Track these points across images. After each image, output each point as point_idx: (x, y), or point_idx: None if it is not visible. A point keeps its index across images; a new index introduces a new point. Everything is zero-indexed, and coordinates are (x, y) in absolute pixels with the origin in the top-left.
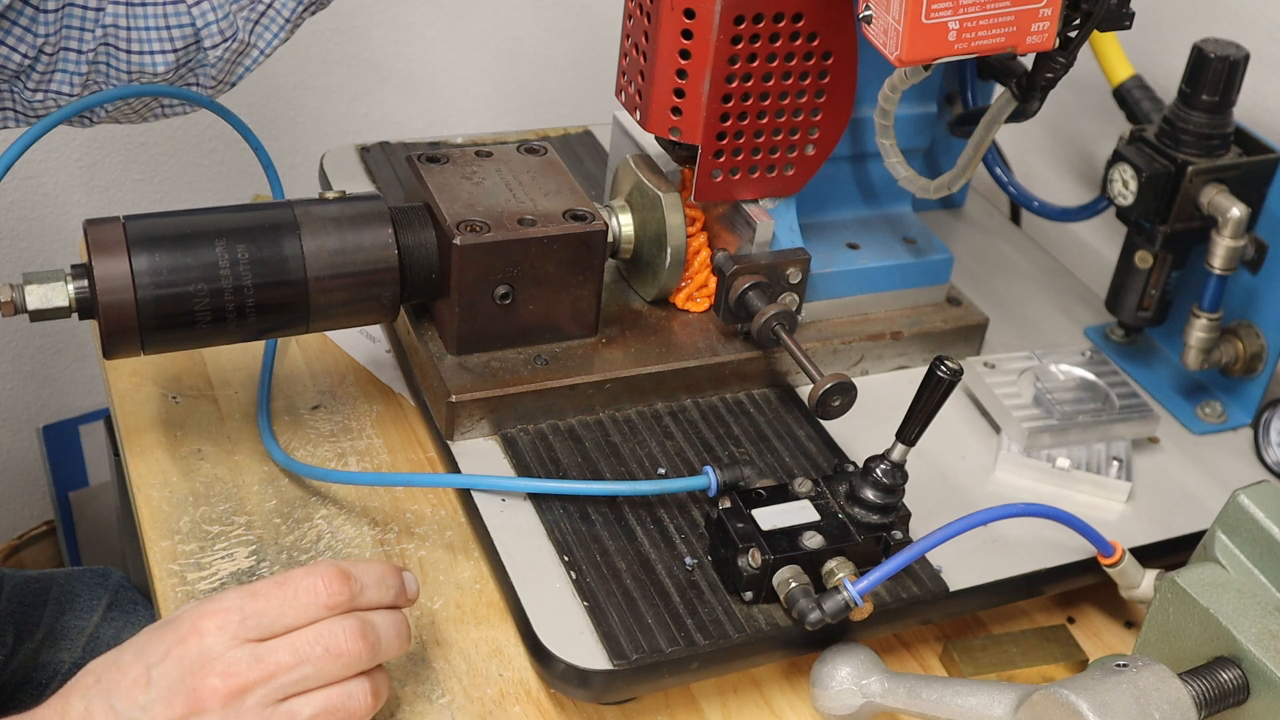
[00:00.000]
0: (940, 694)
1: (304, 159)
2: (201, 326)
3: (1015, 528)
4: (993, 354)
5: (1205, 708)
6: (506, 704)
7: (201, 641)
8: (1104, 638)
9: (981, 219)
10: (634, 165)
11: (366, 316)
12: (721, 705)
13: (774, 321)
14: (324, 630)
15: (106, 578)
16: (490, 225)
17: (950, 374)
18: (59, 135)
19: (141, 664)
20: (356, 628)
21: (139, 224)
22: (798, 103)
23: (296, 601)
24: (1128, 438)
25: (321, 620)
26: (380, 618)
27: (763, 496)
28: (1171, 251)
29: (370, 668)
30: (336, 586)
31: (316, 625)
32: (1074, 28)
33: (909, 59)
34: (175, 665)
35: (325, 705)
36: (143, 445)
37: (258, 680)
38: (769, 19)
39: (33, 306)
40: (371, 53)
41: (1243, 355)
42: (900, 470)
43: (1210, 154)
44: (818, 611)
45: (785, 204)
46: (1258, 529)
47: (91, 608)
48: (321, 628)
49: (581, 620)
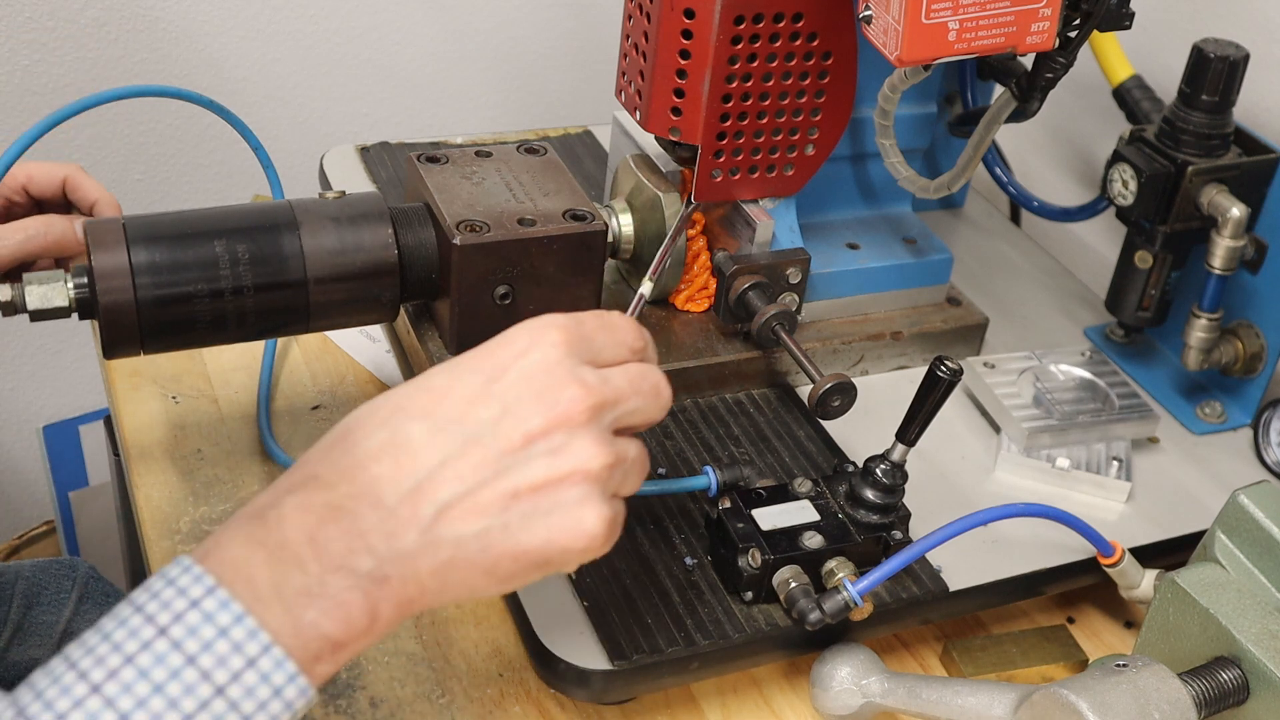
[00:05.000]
0: (940, 694)
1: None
2: (201, 326)
3: (1015, 528)
4: (993, 354)
5: (1205, 708)
6: (506, 704)
7: (548, 353)
8: (1104, 638)
9: (981, 219)
10: (634, 165)
11: (366, 316)
12: (721, 705)
13: (774, 321)
14: (646, 370)
15: (74, 570)
16: (490, 225)
17: (950, 374)
18: (59, 135)
19: (470, 381)
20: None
21: (139, 224)
22: (798, 103)
23: (614, 338)
24: (1128, 438)
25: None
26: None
27: (763, 496)
28: (1171, 251)
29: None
30: (640, 337)
31: (634, 364)
32: (1074, 28)
33: (909, 59)
34: (522, 378)
35: (640, 455)
36: (143, 445)
37: (608, 401)
38: (769, 19)
39: (33, 306)
40: (371, 53)
41: (1243, 355)
42: (900, 470)
43: (1210, 154)
44: (818, 611)
45: (785, 204)
46: (1258, 529)
47: (61, 601)
48: (642, 367)
49: (581, 620)
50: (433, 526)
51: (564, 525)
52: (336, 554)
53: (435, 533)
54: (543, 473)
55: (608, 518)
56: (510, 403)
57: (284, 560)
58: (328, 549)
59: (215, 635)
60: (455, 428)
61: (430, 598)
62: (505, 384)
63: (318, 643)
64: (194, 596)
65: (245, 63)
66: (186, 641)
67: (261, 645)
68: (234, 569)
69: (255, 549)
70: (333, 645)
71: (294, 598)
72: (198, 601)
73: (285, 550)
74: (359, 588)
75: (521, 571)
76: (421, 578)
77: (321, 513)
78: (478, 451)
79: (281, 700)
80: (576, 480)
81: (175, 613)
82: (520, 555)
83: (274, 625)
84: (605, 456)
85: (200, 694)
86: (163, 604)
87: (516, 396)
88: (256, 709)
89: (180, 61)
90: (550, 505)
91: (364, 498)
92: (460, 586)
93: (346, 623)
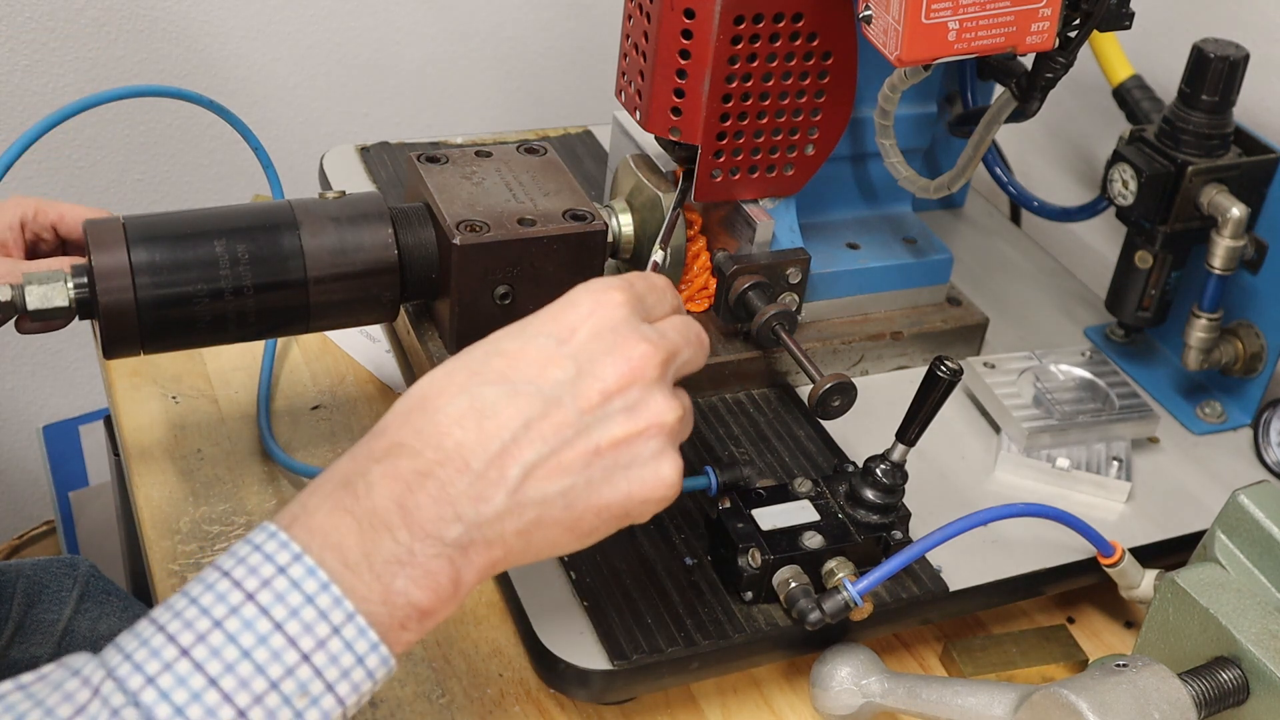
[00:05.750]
0: (940, 694)
1: (304, 159)
2: (201, 326)
3: (1015, 528)
4: (993, 354)
5: (1205, 708)
6: (506, 704)
7: (614, 313)
8: (1104, 638)
9: (981, 219)
10: (634, 165)
11: (366, 316)
12: (721, 705)
13: (774, 321)
14: (689, 321)
15: (74, 568)
16: (490, 225)
17: (950, 374)
18: (59, 135)
19: (541, 344)
20: (700, 326)
21: (139, 224)
22: (798, 103)
23: (660, 296)
24: (1128, 438)
25: (674, 316)
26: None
27: (763, 496)
28: (1171, 251)
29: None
30: (676, 293)
31: (678, 317)
32: (1074, 28)
33: (909, 59)
34: (592, 337)
35: (688, 406)
36: (143, 445)
37: (672, 354)
38: (769, 19)
39: (33, 306)
40: (371, 53)
41: (1243, 355)
42: (900, 470)
43: (1210, 154)
44: (818, 611)
45: (785, 204)
46: (1258, 529)
47: (62, 600)
48: (685, 319)
49: (581, 620)
50: (519, 488)
51: (644, 477)
52: (426, 521)
53: (522, 494)
54: (622, 429)
55: (680, 466)
56: (584, 362)
57: (374, 528)
58: (417, 516)
59: (302, 602)
60: (533, 389)
61: (514, 558)
62: (576, 344)
63: (405, 610)
64: (281, 563)
65: (245, 63)
66: (274, 607)
67: (346, 613)
68: (322, 536)
69: (343, 516)
70: (420, 613)
71: (384, 566)
72: (285, 568)
73: (375, 518)
74: (445, 555)
75: (602, 525)
76: (507, 539)
77: (410, 479)
78: (558, 412)
79: (364, 668)
80: (653, 434)
81: (263, 578)
82: (603, 509)
83: (361, 592)
84: (677, 409)
85: (286, 660)
86: (249, 569)
87: (589, 356)
88: (340, 676)
89: (180, 61)
90: (630, 459)
91: (451, 463)
92: (543, 544)
93: (435, 590)
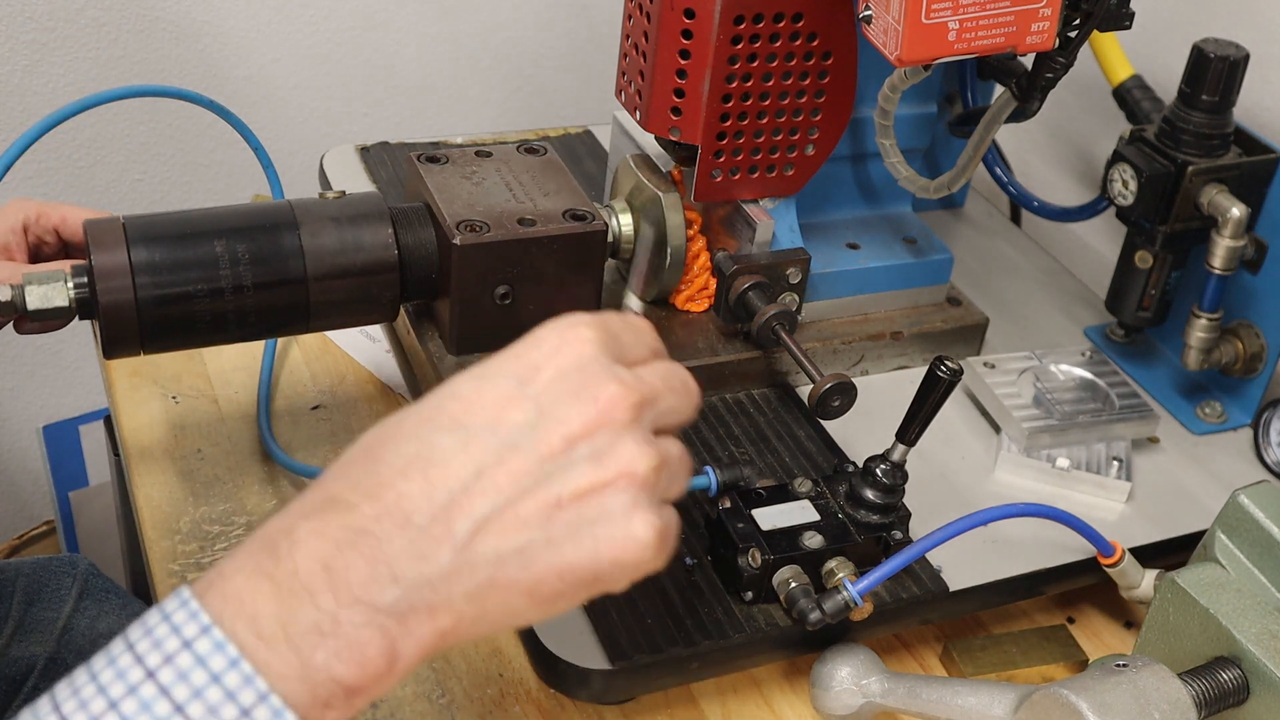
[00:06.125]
0: (940, 694)
1: (304, 159)
2: (201, 326)
3: (1015, 528)
4: (993, 354)
5: (1205, 708)
6: (506, 704)
7: (582, 351)
8: (1104, 638)
9: (981, 219)
10: (634, 165)
11: (366, 316)
12: (721, 705)
13: (774, 321)
14: (673, 367)
15: (74, 566)
16: (490, 225)
17: (950, 374)
18: (59, 135)
19: (500, 385)
20: (689, 374)
21: (138, 223)
22: (798, 103)
23: (638, 338)
24: (1128, 438)
25: (655, 361)
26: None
27: (763, 496)
28: (1171, 251)
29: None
30: (656, 337)
31: (660, 362)
32: (1074, 28)
33: (909, 59)
34: (558, 378)
35: (682, 455)
36: (143, 445)
37: (648, 398)
38: (769, 19)
39: (33, 306)
40: (371, 53)
41: (1243, 355)
42: (900, 470)
43: (1210, 154)
44: (818, 611)
45: (785, 204)
46: (1258, 529)
47: (61, 598)
48: (669, 364)
49: (581, 620)
50: (469, 544)
51: (612, 535)
52: (355, 584)
53: (472, 551)
54: (587, 478)
55: (658, 526)
56: (546, 405)
57: (294, 593)
58: (345, 578)
59: (207, 681)
60: (489, 435)
61: (465, 627)
62: (539, 385)
63: (327, 688)
64: (188, 636)
65: (245, 63)
66: (175, 687)
67: (258, 693)
68: (236, 604)
69: (262, 581)
70: (345, 691)
71: (302, 636)
72: (190, 642)
73: (295, 581)
74: (376, 624)
75: (568, 590)
76: (456, 604)
77: (340, 537)
78: (515, 459)
79: None
80: (623, 485)
81: (166, 654)
82: (566, 571)
83: (277, 668)
84: (651, 458)
85: None
86: (154, 643)
87: (553, 398)
88: None
89: (180, 61)
90: (596, 514)
91: (390, 517)
92: (499, 612)
93: (361, 665)
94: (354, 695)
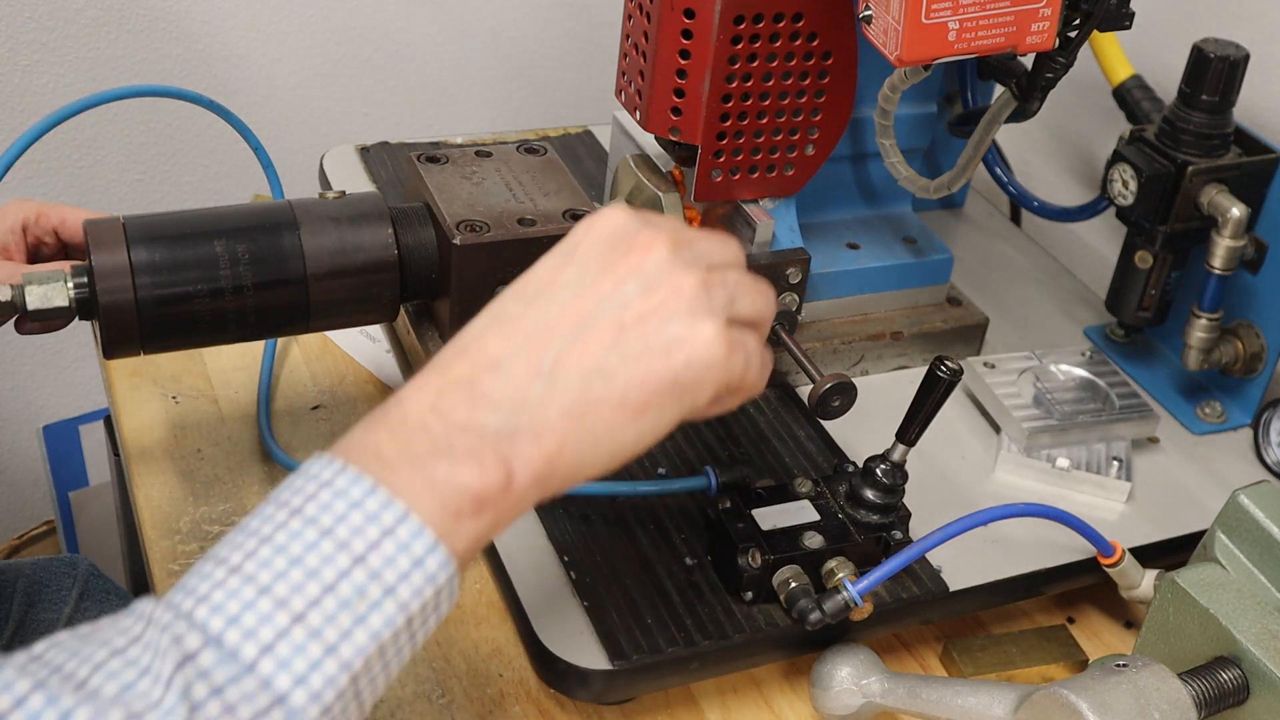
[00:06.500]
0: (940, 694)
1: (304, 159)
2: (201, 326)
3: (1015, 528)
4: (993, 354)
5: (1205, 708)
6: (506, 704)
7: (615, 218)
8: (1104, 638)
9: (981, 219)
10: (634, 165)
11: (366, 316)
12: (721, 705)
13: (774, 321)
14: (755, 278)
15: (74, 567)
16: (490, 225)
17: (950, 374)
18: (59, 135)
19: (549, 262)
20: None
21: (138, 223)
22: (798, 103)
23: (723, 247)
24: (1128, 438)
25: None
26: None
27: (763, 496)
28: (1171, 251)
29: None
30: (740, 250)
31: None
32: (1074, 28)
33: (909, 59)
34: (596, 240)
35: (749, 281)
36: (143, 445)
37: (682, 240)
38: (769, 19)
39: (33, 306)
40: (371, 53)
41: (1243, 355)
42: (900, 470)
43: (1210, 154)
44: (818, 611)
45: (785, 204)
46: (1258, 529)
47: (62, 599)
48: (750, 275)
49: (581, 620)
50: (554, 373)
51: (679, 338)
52: (460, 415)
53: (557, 378)
54: (639, 303)
55: (721, 328)
56: (590, 260)
57: (408, 430)
58: (451, 415)
59: (348, 508)
60: (547, 294)
61: (571, 449)
62: (583, 250)
63: (455, 498)
64: (325, 479)
65: (245, 63)
66: (321, 516)
67: (397, 514)
68: (360, 449)
69: (378, 430)
70: (473, 500)
71: (423, 458)
72: (329, 482)
73: (406, 424)
74: (488, 445)
75: (654, 399)
76: (555, 425)
77: (440, 385)
78: (575, 305)
79: (424, 571)
80: (673, 301)
81: (308, 494)
82: (645, 379)
83: (406, 488)
84: (694, 274)
85: (339, 563)
86: (296, 490)
87: (596, 253)
88: (399, 579)
89: (180, 61)
90: (659, 328)
91: (479, 367)
92: (599, 428)
93: (481, 474)
94: (481, 507)
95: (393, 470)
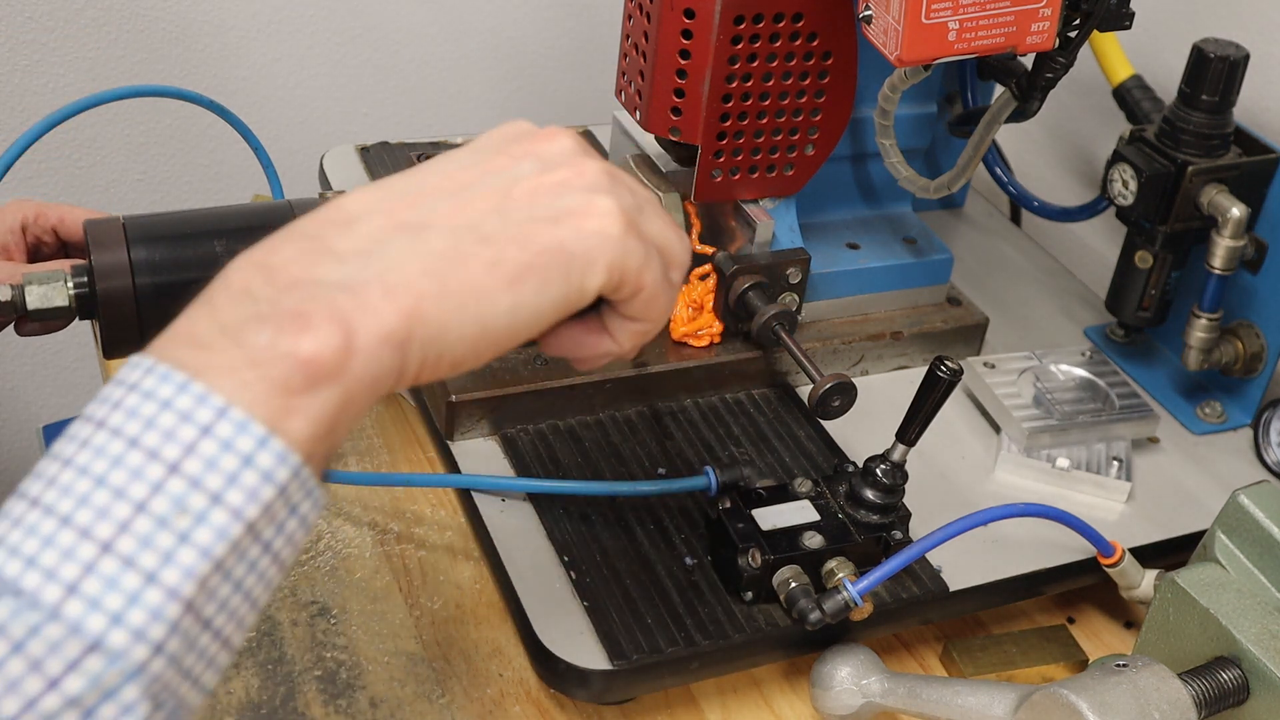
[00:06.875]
0: (940, 694)
1: (304, 159)
2: None
3: (1015, 528)
4: (993, 354)
5: (1205, 708)
6: (506, 704)
7: (519, 124)
8: (1104, 638)
9: (981, 219)
10: (634, 165)
11: None
12: (721, 705)
13: (774, 321)
14: (675, 223)
15: None
16: None
17: (950, 374)
18: (59, 135)
19: (446, 154)
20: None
21: (138, 223)
22: (798, 103)
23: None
24: (1128, 438)
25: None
26: None
27: (763, 496)
28: (1171, 251)
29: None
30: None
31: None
32: (1074, 28)
33: (909, 59)
34: (497, 134)
35: (665, 275)
36: None
37: (589, 151)
38: (769, 19)
39: (33, 306)
40: (371, 53)
41: (1243, 355)
42: (900, 470)
43: (1210, 154)
44: (818, 611)
45: (785, 204)
46: (1258, 529)
47: None
48: (670, 217)
49: (581, 620)
50: (421, 227)
51: (570, 208)
52: (294, 269)
53: (424, 230)
54: (532, 178)
55: (619, 207)
56: (485, 144)
57: (230, 300)
58: (281, 273)
59: (158, 409)
60: (429, 165)
61: (431, 307)
62: (480, 139)
63: (282, 371)
64: (133, 380)
65: (245, 63)
66: (127, 425)
67: (216, 408)
68: (174, 339)
69: (198, 308)
70: (304, 371)
71: (241, 327)
72: (136, 384)
73: (228, 292)
74: (322, 299)
75: (536, 267)
76: (412, 279)
77: (274, 244)
78: (457, 175)
79: (256, 470)
80: (573, 180)
81: (114, 402)
82: (528, 241)
83: (225, 373)
84: (600, 164)
85: (150, 476)
86: (103, 400)
87: (494, 140)
88: (226, 483)
89: (180, 61)
90: (550, 199)
91: (331, 221)
92: (464, 288)
93: (311, 336)
94: (316, 379)
95: (209, 353)
